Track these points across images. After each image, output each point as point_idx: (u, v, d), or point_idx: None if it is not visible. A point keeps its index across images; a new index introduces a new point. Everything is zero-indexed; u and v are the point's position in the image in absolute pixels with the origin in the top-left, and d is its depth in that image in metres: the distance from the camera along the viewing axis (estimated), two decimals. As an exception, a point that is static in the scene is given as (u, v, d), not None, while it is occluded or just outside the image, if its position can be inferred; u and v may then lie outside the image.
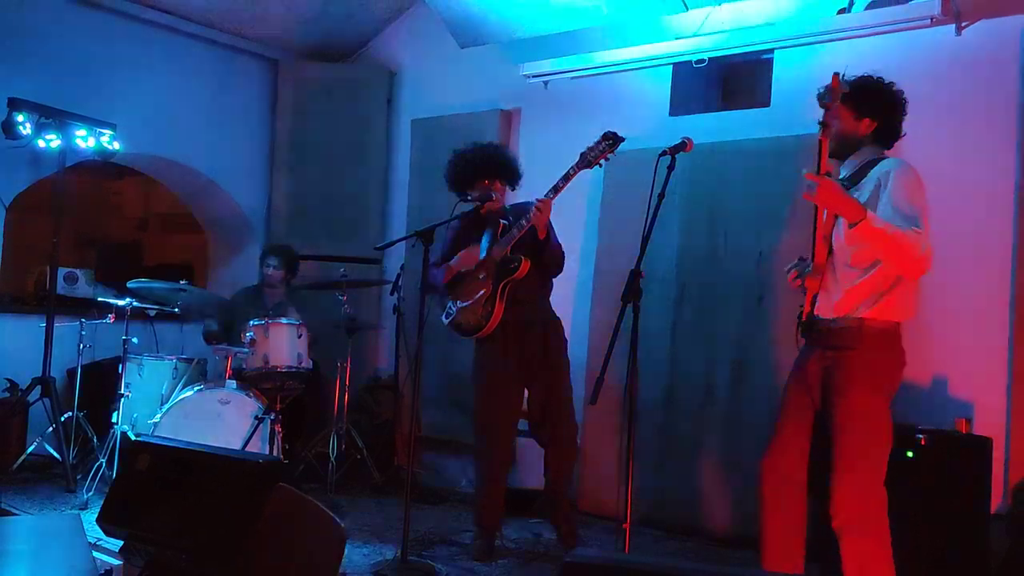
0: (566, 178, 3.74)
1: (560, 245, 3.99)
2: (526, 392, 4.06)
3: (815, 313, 2.96)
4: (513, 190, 4.14)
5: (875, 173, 2.88)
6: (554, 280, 4.13)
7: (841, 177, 2.97)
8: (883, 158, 2.97)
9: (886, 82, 3.04)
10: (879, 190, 2.82)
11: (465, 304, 3.96)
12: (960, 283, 3.98)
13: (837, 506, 2.82)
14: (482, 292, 3.90)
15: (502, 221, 3.96)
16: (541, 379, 3.96)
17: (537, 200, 3.77)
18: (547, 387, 3.95)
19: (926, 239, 2.71)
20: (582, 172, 3.75)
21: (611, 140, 3.63)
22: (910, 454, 3.38)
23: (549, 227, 3.86)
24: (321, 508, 1.65)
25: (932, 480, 3.39)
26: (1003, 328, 3.84)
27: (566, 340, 4.10)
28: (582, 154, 3.68)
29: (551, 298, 4.13)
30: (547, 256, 3.89)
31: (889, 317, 2.87)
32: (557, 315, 4.10)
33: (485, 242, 3.99)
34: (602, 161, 3.68)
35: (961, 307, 3.97)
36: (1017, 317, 3.80)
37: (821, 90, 2.89)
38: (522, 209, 3.91)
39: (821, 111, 2.87)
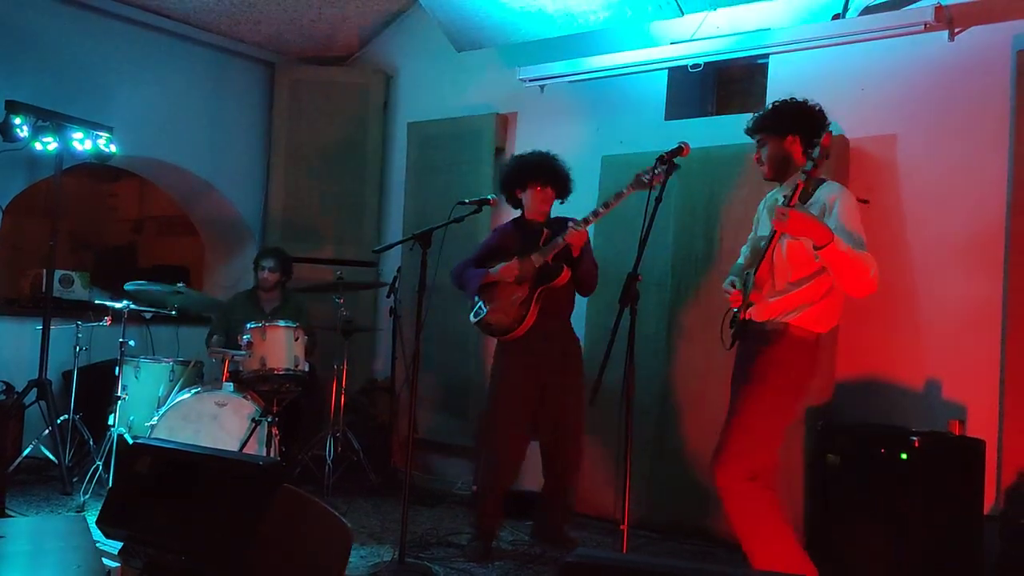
0: (618, 196, 3.78)
1: (596, 265, 4.04)
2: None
3: (747, 316, 3.15)
4: (562, 203, 4.16)
5: (820, 197, 3.05)
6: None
7: (783, 195, 3.08)
8: (823, 180, 3.15)
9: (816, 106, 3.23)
10: (824, 213, 3.00)
11: (497, 305, 3.97)
12: (952, 287, 4.02)
13: (718, 491, 3.06)
14: (517, 295, 3.93)
15: (545, 230, 3.99)
16: (556, 397, 3.98)
17: (571, 224, 3.82)
18: (562, 408, 3.99)
19: (874, 264, 2.92)
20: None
21: (667, 165, 3.42)
22: (904, 456, 3.41)
23: (587, 247, 3.92)
24: (327, 509, 1.67)
25: (926, 482, 3.41)
26: (995, 331, 3.88)
27: (582, 363, 4.12)
28: (637, 175, 3.70)
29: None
30: (582, 271, 3.94)
31: (810, 327, 3.07)
32: (576, 336, 4.15)
33: (524, 246, 4.00)
34: (657, 185, 3.37)
35: (954, 311, 4.00)
36: (1009, 320, 3.84)
37: (816, 151, 2.95)
38: (561, 223, 3.95)
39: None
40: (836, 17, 4.39)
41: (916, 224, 4.14)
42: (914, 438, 3.44)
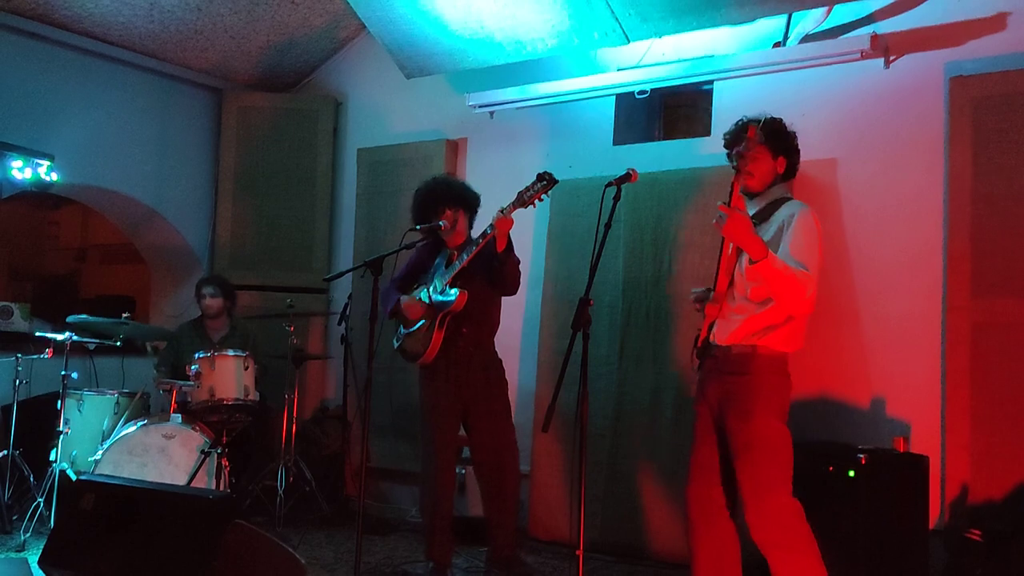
0: (512, 207, 3.78)
1: (518, 261, 4.03)
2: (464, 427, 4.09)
3: (711, 339, 3.13)
4: (473, 217, 4.17)
5: (780, 215, 3.07)
6: (504, 303, 4.17)
7: (751, 214, 3.11)
8: (788, 198, 3.17)
9: (786, 124, 3.24)
10: (782, 231, 3.02)
11: (409, 331, 4.02)
12: (893, 306, 4.12)
13: (754, 525, 2.93)
14: (424, 321, 3.95)
15: (452, 251, 4.00)
16: (483, 422, 4.00)
17: (496, 219, 3.79)
18: (490, 432, 3.99)
19: (813, 283, 2.93)
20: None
21: (546, 181, 3.65)
22: (852, 473, 3.48)
23: (509, 241, 3.88)
24: (278, 543, 1.64)
25: (872, 498, 3.48)
26: (935, 348, 3.99)
27: (507, 382, 4.14)
28: (519, 193, 3.72)
29: (500, 329, 4.17)
30: (506, 269, 3.89)
31: (778, 347, 3.05)
32: (499, 356, 4.14)
33: (439, 268, 4.02)
34: (536, 201, 3.70)
35: (895, 329, 4.10)
36: (948, 336, 3.94)
37: (731, 135, 3.14)
38: (472, 241, 3.95)
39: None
40: (777, 45, 4.51)
41: (857, 245, 4.24)
42: (861, 455, 3.51)
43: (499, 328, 4.18)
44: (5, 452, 4.71)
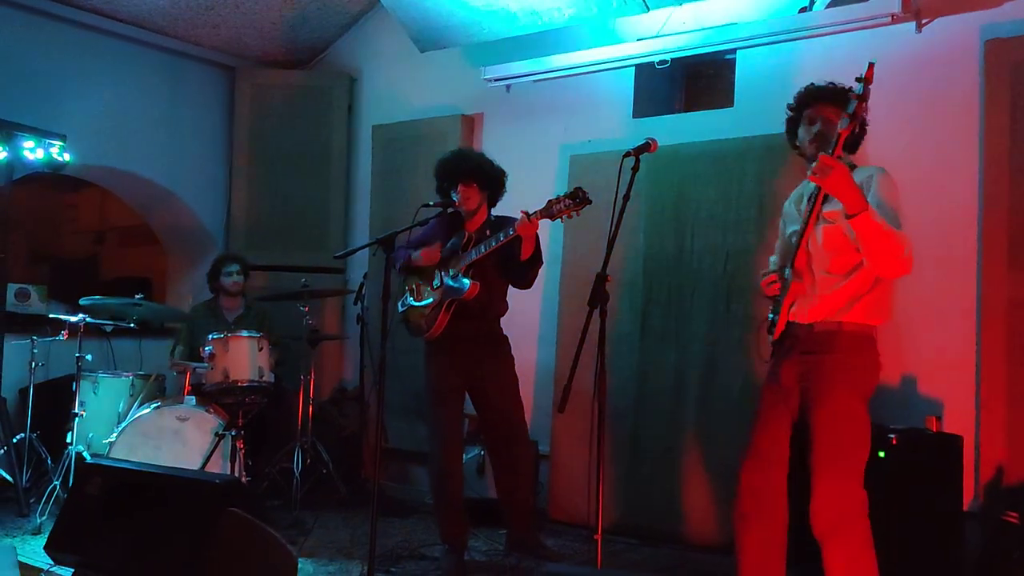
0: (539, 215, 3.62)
1: (541, 262, 3.91)
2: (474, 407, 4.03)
3: (789, 319, 2.91)
4: (494, 195, 4.02)
5: (856, 179, 2.79)
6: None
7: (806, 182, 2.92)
8: (855, 165, 2.93)
9: None
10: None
11: (416, 304, 3.94)
12: (926, 282, 3.96)
13: (818, 512, 2.75)
14: (431, 300, 3.87)
15: (470, 234, 3.89)
16: (494, 399, 3.92)
17: (522, 215, 3.65)
18: (501, 409, 3.92)
19: (909, 243, 2.71)
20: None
21: (579, 199, 3.45)
22: (882, 454, 3.35)
23: (537, 245, 3.77)
24: (272, 534, 1.56)
25: (904, 479, 3.36)
26: (970, 325, 3.84)
27: (513, 358, 4.03)
28: (549, 203, 3.57)
29: (511, 309, 4.08)
30: (526, 267, 3.80)
31: (866, 320, 2.84)
32: (505, 333, 4.05)
33: (453, 248, 3.91)
34: (564, 217, 3.54)
35: (928, 306, 3.96)
36: (983, 313, 3.80)
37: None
38: (502, 224, 3.83)
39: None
40: (803, 10, 4.34)
41: (888, 218, 4.09)
42: (892, 436, 3.39)
43: (517, 309, 4.08)
44: (23, 435, 4.70)
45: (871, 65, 2.73)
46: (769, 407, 2.96)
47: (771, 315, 2.92)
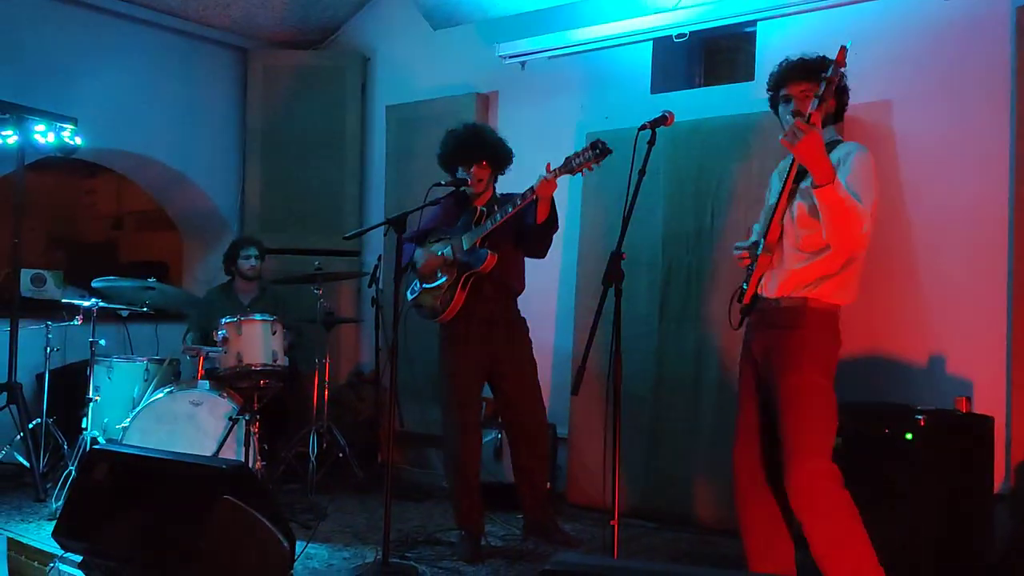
0: (558, 172, 3.53)
1: (557, 226, 3.81)
2: (491, 390, 3.96)
3: (759, 292, 2.92)
4: (501, 174, 3.97)
5: (835, 155, 2.82)
6: (539, 263, 4.00)
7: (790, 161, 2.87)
8: (840, 140, 2.94)
9: None
10: (836, 169, 2.75)
11: (428, 286, 3.86)
12: (955, 259, 3.85)
13: (792, 490, 2.75)
14: (445, 278, 3.78)
15: (480, 209, 3.81)
16: (511, 381, 3.86)
17: (538, 183, 3.57)
18: (517, 395, 3.86)
19: (868, 220, 2.71)
20: (560, 162, 3.54)
21: (599, 150, 3.35)
22: (909, 436, 3.25)
23: (553, 207, 3.69)
24: (266, 525, 1.50)
25: (932, 461, 3.25)
26: (1001, 303, 3.71)
27: (531, 341, 3.97)
28: (567, 159, 3.47)
29: (528, 290, 4.00)
30: (540, 230, 3.70)
31: (831, 300, 2.86)
32: (522, 315, 3.97)
33: (464, 224, 3.83)
34: (585, 170, 3.43)
35: (957, 283, 3.84)
36: (1015, 291, 3.67)
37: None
38: (508, 200, 3.74)
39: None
40: (826, -21, 4.20)
41: (915, 194, 3.96)
42: (919, 416, 3.28)
43: (534, 290, 4.00)
44: (39, 420, 4.70)
45: (843, 48, 2.69)
46: (745, 379, 2.99)
47: (743, 284, 2.93)
